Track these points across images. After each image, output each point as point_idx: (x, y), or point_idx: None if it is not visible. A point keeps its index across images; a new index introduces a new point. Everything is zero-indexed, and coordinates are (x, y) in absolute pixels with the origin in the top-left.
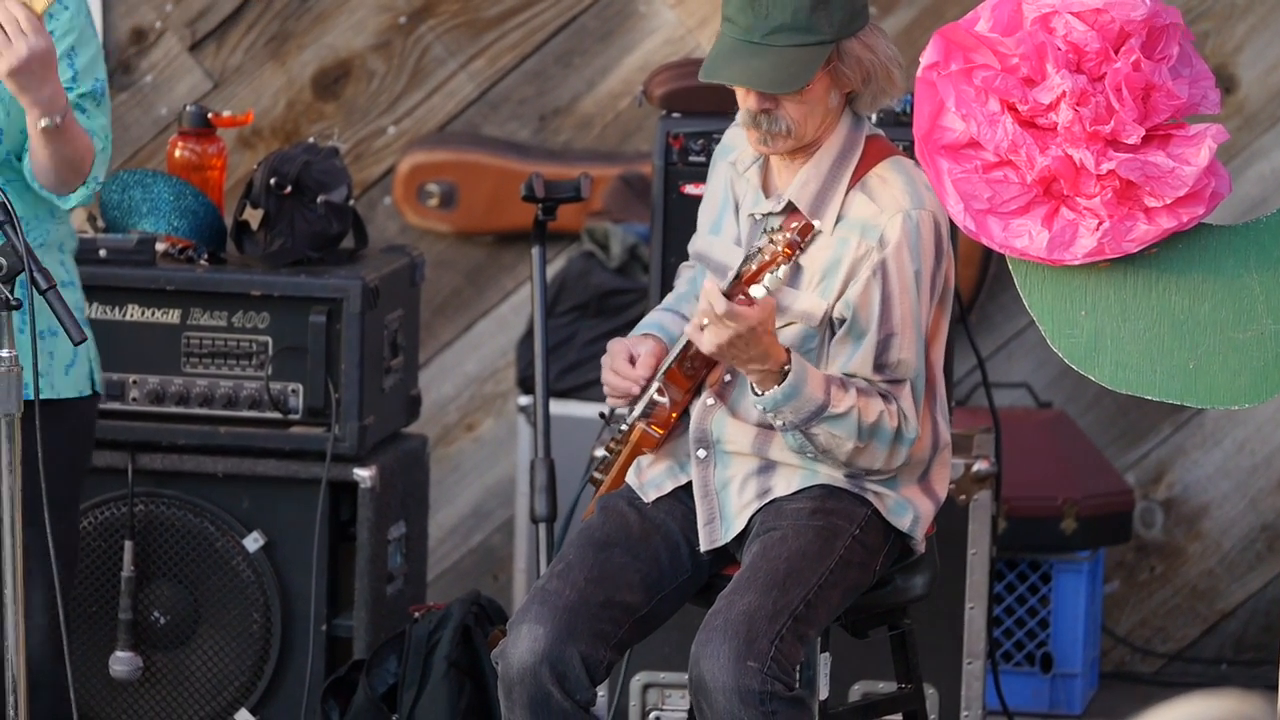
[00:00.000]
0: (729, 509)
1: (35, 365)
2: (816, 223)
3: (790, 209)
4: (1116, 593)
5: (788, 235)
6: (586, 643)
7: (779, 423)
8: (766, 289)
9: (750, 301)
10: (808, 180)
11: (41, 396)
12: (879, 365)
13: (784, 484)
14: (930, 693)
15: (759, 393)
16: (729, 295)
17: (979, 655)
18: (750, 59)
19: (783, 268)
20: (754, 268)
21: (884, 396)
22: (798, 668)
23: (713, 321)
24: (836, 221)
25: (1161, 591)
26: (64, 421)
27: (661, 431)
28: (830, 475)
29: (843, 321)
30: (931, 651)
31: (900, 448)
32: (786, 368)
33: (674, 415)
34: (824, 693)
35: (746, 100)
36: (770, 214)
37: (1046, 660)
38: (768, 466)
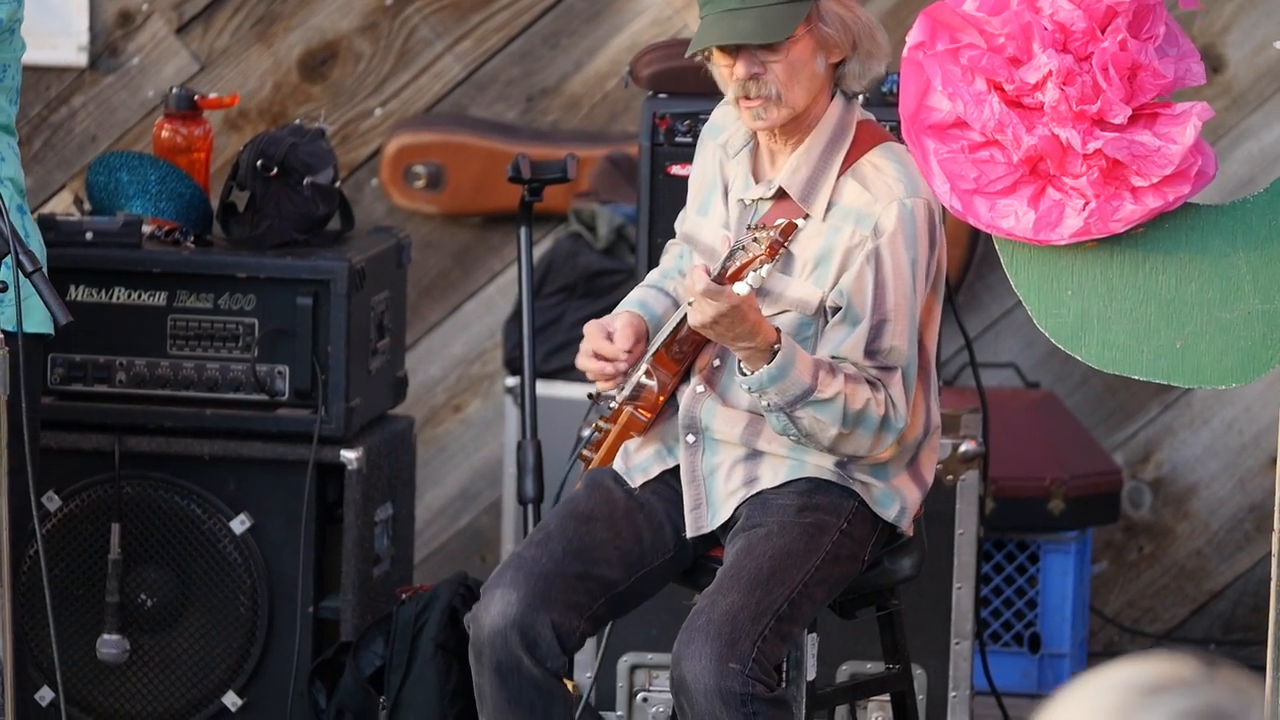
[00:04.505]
0: (715, 495)
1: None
2: (800, 221)
3: (780, 195)
4: (1105, 573)
5: (771, 234)
6: (559, 611)
7: (764, 403)
8: (750, 286)
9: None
10: (798, 166)
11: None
12: (870, 351)
13: (770, 474)
14: (918, 673)
15: (746, 372)
16: (716, 280)
17: (967, 636)
18: (735, 22)
19: (765, 266)
20: (737, 264)
21: (872, 384)
22: (781, 666)
23: (696, 299)
24: (828, 209)
25: (1150, 572)
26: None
27: (649, 415)
28: (817, 466)
29: (836, 309)
30: (919, 632)
31: (886, 435)
32: (776, 347)
33: (661, 399)
34: (811, 673)
35: (736, 69)
36: (760, 199)
37: (1035, 640)
38: (755, 455)
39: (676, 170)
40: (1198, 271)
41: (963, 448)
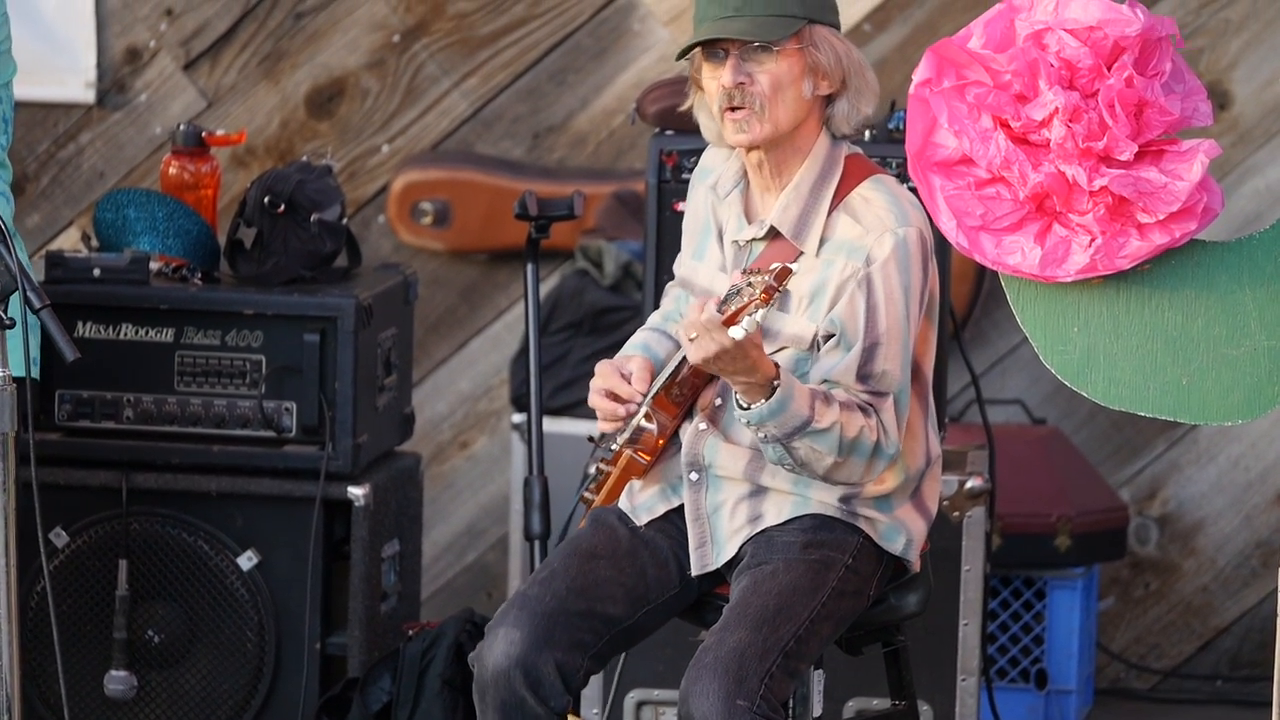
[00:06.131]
0: (720, 533)
1: (26, 344)
2: (794, 265)
3: (773, 234)
4: (1111, 609)
5: (765, 279)
6: (563, 650)
7: (761, 435)
8: (745, 331)
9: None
10: (789, 204)
11: None
12: (862, 375)
13: (775, 511)
14: (924, 709)
15: (744, 406)
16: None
17: (973, 672)
18: (727, 24)
19: (760, 311)
20: (733, 309)
21: (864, 410)
22: (788, 703)
23: (701, 334)
24: (821, 245)
25: (1156, 608)
26: None
27: (648, 458)
28: (821, 503)
29: (829, 337)
30: (926, 668)
31: (878, 462)
32: (775, 383)
33: (661, 442)
34: (818, 710)
35: (723, 76)
36: (754, 239)
37: (1041, 677)
38: (758, 491)
39: (683, 207)
40: (1204, 308)
41: (969, 484)
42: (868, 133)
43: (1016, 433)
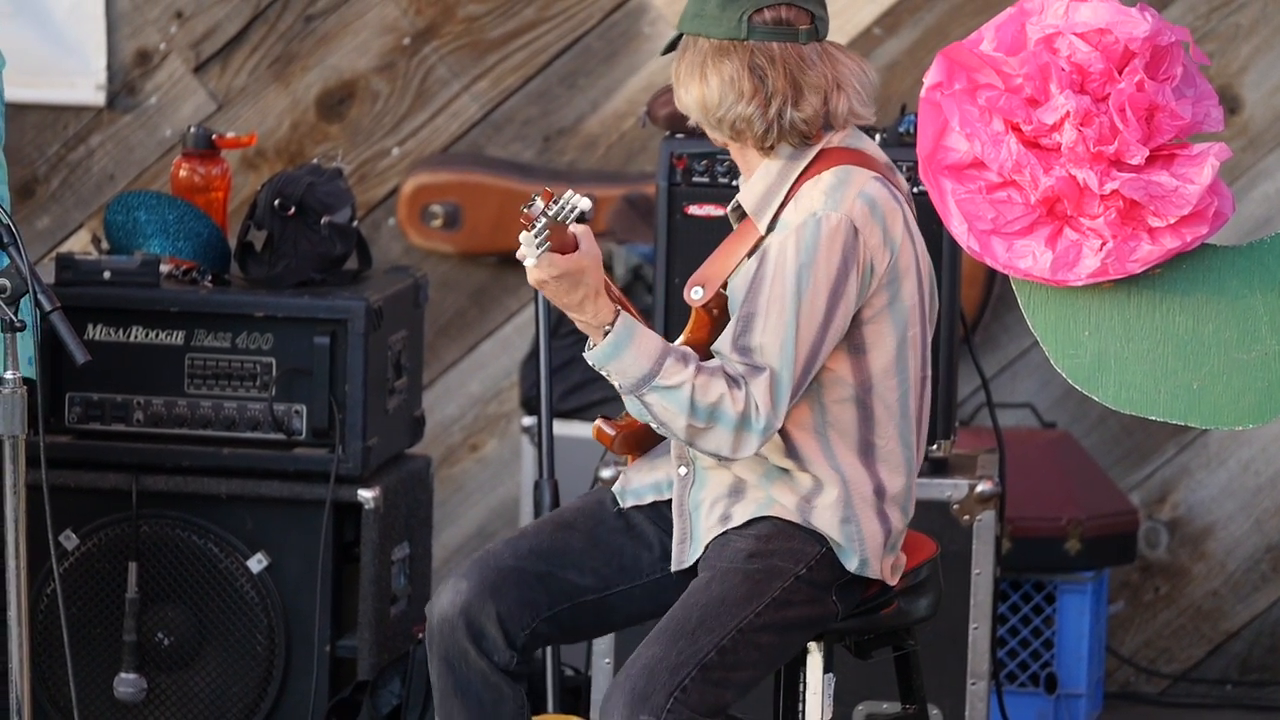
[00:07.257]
0: (699, 530)
1: (37, 346)
2: (579, 196)
3: (739, 209)
4: (1121, 613)
5: (537, 204)
6: (509, 604)
7: (616, 384)
8: (532, 258)
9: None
10: (756, 181)
11: None
12: (740, 347)
13: (741, 511)
14: (934, 713)
15: (590, 347)
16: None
17: (983, 676)
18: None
19: (523, 234)
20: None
21: (734, 379)
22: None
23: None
24: (774, 226)
25: (1166, 612)
26: None
27: (617, 430)
28: (782, 506)
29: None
30: (935, 672)
31: (747, 435)
32: (608, 327)
33: (636, 421)
34: (828, 714)
35: None
36: (731, 217)
37: (1051, 681)
38: (738, 488)
39: (694, 210)
40: (1215, 312)
41: (979, 488)
42: (878, 136)
43: (1027, 436)
